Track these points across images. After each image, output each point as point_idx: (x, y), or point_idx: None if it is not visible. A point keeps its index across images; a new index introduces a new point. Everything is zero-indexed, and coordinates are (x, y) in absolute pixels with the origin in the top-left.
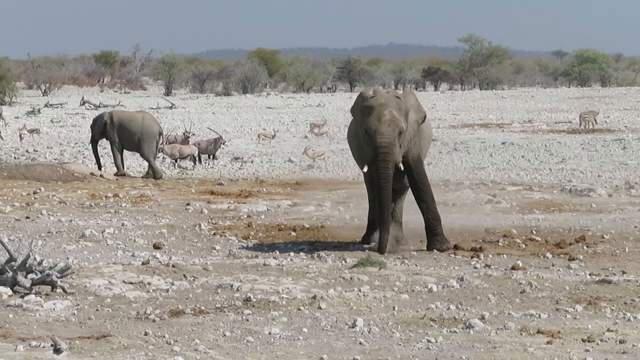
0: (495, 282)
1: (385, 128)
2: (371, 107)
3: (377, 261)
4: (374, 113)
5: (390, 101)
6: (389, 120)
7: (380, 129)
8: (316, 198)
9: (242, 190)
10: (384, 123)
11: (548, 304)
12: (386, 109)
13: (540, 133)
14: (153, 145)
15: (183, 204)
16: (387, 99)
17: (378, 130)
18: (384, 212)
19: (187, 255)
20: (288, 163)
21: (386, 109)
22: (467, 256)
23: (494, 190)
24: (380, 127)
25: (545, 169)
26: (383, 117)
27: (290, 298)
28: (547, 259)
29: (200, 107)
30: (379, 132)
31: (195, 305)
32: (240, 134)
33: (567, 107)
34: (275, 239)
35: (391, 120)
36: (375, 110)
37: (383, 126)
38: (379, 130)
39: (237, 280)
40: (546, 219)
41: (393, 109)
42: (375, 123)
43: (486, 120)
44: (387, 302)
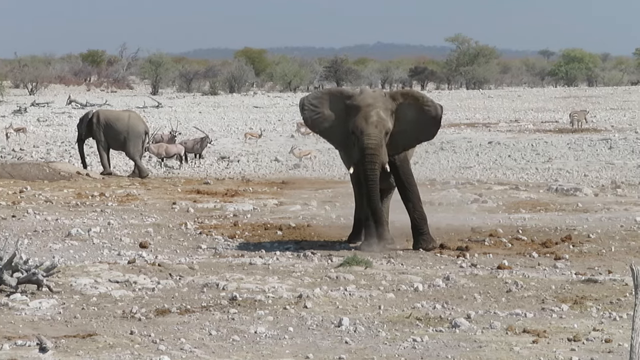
0: (481, 281)
1: (372, 129)
2: (358, 106)
3: (363, 260)
4: (361, 113)
5: (377, 101)
6: (376, 121)
7: (367, 130)
8: (302, 197)
9: (229, 189)
10: (371, 124)
11: (534, 303)
12: (374, 109)
13: (526, 132)
14: (139, 145)
15: (169, 203)
16: (374, 98)
17: (365, 131)
18: (376, 211)
19: (173, 254)
20: (274, 162)
21: (374, 109)
22: (453, 255)
23: (481, 190)
24: (367, 128)
25: (531, 169)
26: (370, 118)
27: (276, 297)
28: (533, 258)
29: (187, 106)
30: (366, 133)
31: (181, 304)
32: (227, 133)
33: (554, 107)
34: (262, 238)
35: (378, 121)
36: (362, 110)
37: (370, 127)
38: (365, 131)
39: (223, 279)
40: (532, 218)
41: (380, 109)
42: (362, 124)
43: (473, 119)
44: (373, 301)
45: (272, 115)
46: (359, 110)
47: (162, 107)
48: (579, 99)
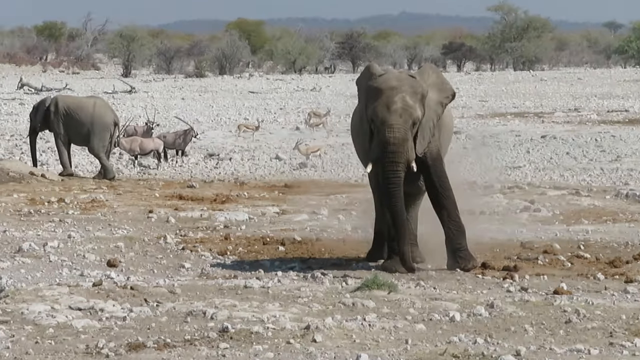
0: (533, 309)
1: (396, 119)
2: (379, 90)
3: (386, 283)
4: (382, 98)
5: (403, 83)
6: (401, 108)
7: (389, 120)
8: (310, 204)
9: (218, 194)
10: (394, 112)
11: (600, 337)
12: (398, 93)
13: (589, 124)
14: (106, 139)
15: (144, 212)
16: (399, 80)
17: (387, 121)
18: (398, 222)
19: (149, 274)
20: (275, 161)
21: (397, 94)
22: (498, 277)
23: (532, 195)
24: (389, 118)
25: (595, 169)
26: (393, 105)
27: (277, 329)
28: (599, 280)
29: (167, 92)
30: (388, 123)
31: (159, 337)
32: (216, 125)
33: (623, 92)
34: (259, 254)
35: (403, 108)
36: (383, 94)
37: (393, 116)
38: (387, 121)
39: (212, 307)
40: (597, 230)
41: (406, 94)
42: (383, 112)
43: (522, 108)
44: (399, 334)
45: (272, 102)
46: (380, 94)
47: (135, 93)
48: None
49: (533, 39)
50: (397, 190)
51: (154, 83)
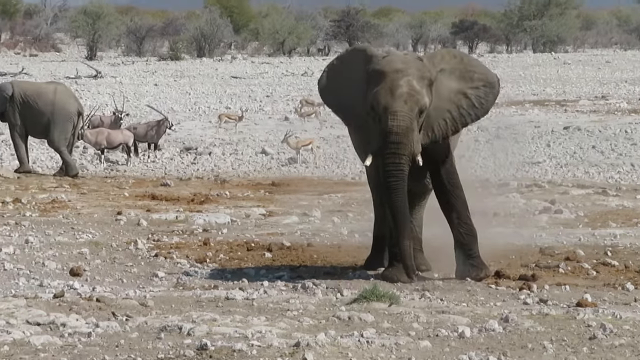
0: (553, 323)
1: (401, 105)
2: (382, 72)
3: (387, 294)
4: (386, 82)
5: (409, 66)
6: (407, 93)
7: (393, 106)
8: (301, 205)
9: (196, 193)
10: (399, 98)
11: (628, 355)
12: (403, 77)
13: (618, 114)
14: (68, 130)
15: (112, 213)
16: (405, 62)
17: (390, 107)
18: (399, 219)
19: (117, 284)
20: (261, 156)
21: (403, 78)
22: (514, 287)
23: (553, 195)
24: (393, 104)
25: (625, 165)
26: (398, 90)
27: (263, 346)
28: (628, 291)
29: (138, 77)
30: (391, 110)
31: (128, 355)
32: (194, 115)
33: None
34: (243, 262)
35: (409, 94)
36: (387, 78)
37: (397, 102)
38: (391, 107)
39: (189, 321)
40: (626, 235)
41: (413, 78)
42: (387, 97)
43: (542, 95)
44: (401, 352)
45: (258, 88)
46: (383, 77)
47: (102, 78)
48: None
49: (555, 17)
50: (398, 184)
51: (122, 67)
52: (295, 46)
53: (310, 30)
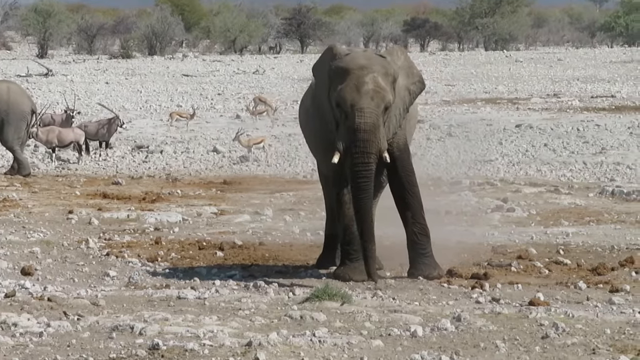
0: (506, 322)
1: (367, 102)
2: (347, 70)
3: (339, 293)
4: (351, 79)
5: (373, 63)
6: (373, 90)
7: (359, 104)
8: (253, 203)
9: (148, 192)
10: (366, 95)
11: (581, 354)
12: (369, 74)
13: (570, 112)
14: (22, 129)
15: (64, 212)
16: (369, 59)
17: (357, 104)
18: (367, 225)
19: (68, 284)
20: (212, 154)
21: (369, 74)
22: (466, 286)
23: (505, 193)
24: (360, 101)
25: (577, 163)
26: (364, 86)
27: (215, 346)
28: (580, 290)
29: (89, 75)
30: (358, 107)
31: (80, 355)
32: (145, 113)
33: (609, 75)
34: (195, 261)
35: (375, 90)
36: (353, 75)
37: (364, 99)
38: (357, 104)
39: (140, 320)
40: (579, 233)
41: (378, 75)
42: (352, 94)
43: (494, 93)
44: (353, 352)
45: (209, 86)
46: (347, 74)
47: (53, 76)
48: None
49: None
50: (367, 185)
51: (73, 65)
52: (247, 44)
53: (261, 28)
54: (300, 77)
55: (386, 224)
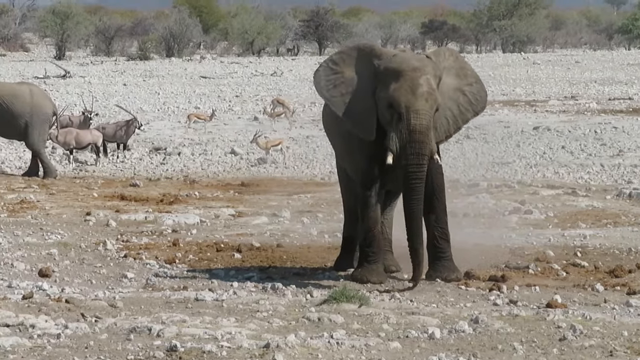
0: (523, 325)
1: (422, 104)
2: (400, 71)
3: (357, 295)
4: (405, 81)
5: (425, 64)
6: (427, 92)
7: (415, 105)
8: (270, 205)
9: (165, 194)
10: (421, 97)
11: (598, 356)
12: (422, 75)
13: (588, 114)
14: (45, 132)
15: (81, 214)
16: (420, 60)
17: (412, 106)
18: (417, 226)
19: (86, 285)
20: (230, 156)
21: (422, 76)
22: (484, 288)
23: (523, 196)
24: (415, 103)
25: (595, 166)
26: (419, 88)
27: (232, 347)
28: (598, 292)
29: (107, 76)
30: (414, 109)
31: (98, 357)
32: (163, 115)
33: (627, 78)
34: (212, 263)
35: (429, 92)
36: (407, 76)
37: (419, 101)
38: (413, 106)
39: (158, 322)
40: (596, 235)
41: (430, 76)
42: (408, 96)
43: (511, 95)
44: (371, 354)
45: (227, 88)
46: (400, 75)
47: (70, 77)
48: None
49: (525, 17)
50: (420, 187)
51: (91, 66)
52: (265, 46)
53: (279, 30)
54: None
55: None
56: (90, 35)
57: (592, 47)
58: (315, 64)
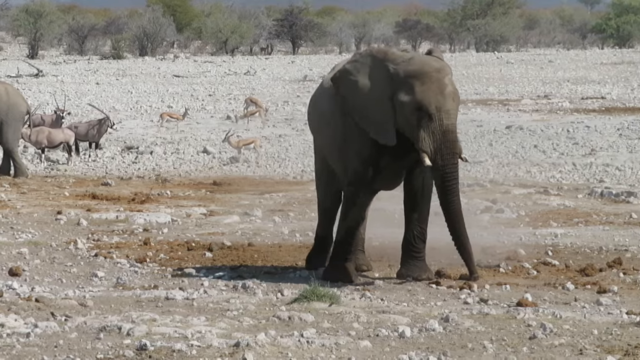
0: (494, 323)
1: (451, 104)
2: (424, 73)
3: (327, 294)
4: (432, 82)
5: (444, 65)
6: (453, 92)
7: (445, 106)
8: (242, 204)
9: (137, 193)
10: (449, 96)
11: (568, 354)
12: (446, 75)
13: (560, 113)
14: (19, 131)
15: (52, 213)
16: (439, 61)
17: (443, 106)
18: (462, 224)
19: (56, 285)
20: (203, 155)
21: (446, 77)
22: (454, 287)
23: (494, 194)
24: (445, 103)
25: (567, 165)
26: (446, 88)
27: (203, 346)
28: (568, 291)
29: (79, 75)
30: (445, 109)
31: (67, 356)
32: (136, 114)
33: (600, 77)
34: (183, 262)
35: (455, 92)
36: (432, 77)
37: (448, 101)
38: (444, 106)
39: (128, 321)
40: (567, 234)
41: (450, 76)
42: (438, 97)
43: (485, 94)
44: (341, 352)
45: (200, 87)
46: (425, 77)
47: (43, 76)
48: (635, 66)
49: (498, 16)
50: (457, 186)
51: (64, 65)
52: (238, 45)
53: (253, 29)
54: (291, 78)
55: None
56: (64, 34)
57: (565, 46)
58: (288, 63)
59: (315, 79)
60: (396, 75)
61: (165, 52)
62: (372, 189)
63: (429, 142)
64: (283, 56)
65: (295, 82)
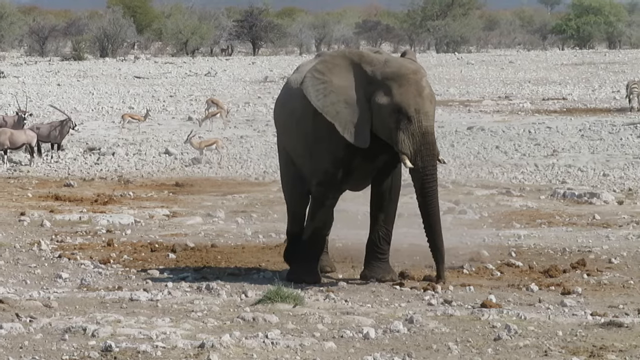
0: (458, 324)
1: (429, 105)
2: (402, 75)
3: (292, 295)
4: (410, 84)
5: (419, 67)
6: (430, 94)
7: (424, 107)
8: (205, 206)
9: (100, 194)
10: (427, 98)
11: (533, 355)
12: (422, 77)
13: (521, 114)
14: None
15: (15, 214)
16: (414, 63)
17: (422, 108)
18: (439, 227)
19: (21, 286)
20: (165, 156)
21: (423, 78)
22: (418, 288)
23: (457, 195)
24: (424, 105)
25: (529, 165)
26: (424, 90)
27: (167, 347)
28: (532, 292)
29: (41, 76)
30: (424, 111)
31: (32, 357)
32: (97, 115)
33: (560, 78)
34: (147, 263)
35: (432, 94)
36: (410, 79)
37: (426, 103)
38: (422, 108)
39: (93, 322)
40: (530, 235)
41: (426, 78)
42: (417, 99)
43: (446, 95)
44: (305, 353)
45: (161, 89)
46: (403, 79)
47: (4, 78)
48: (596, 67)
49: (459, 17)
50: (437, 188)
51: (25, 67)
52: (199, 46)
53: (213, 30)
54: (252, 79)
55: (339, 226)
56: (24, 36)
57: (525, 47)
58: (249, 64)
59: (276, 80)
60: (373, 78)
61: (126, 53)
62: (340, 190)
63: (408, 144)
64: (243, 57)
65: (256, 83)
